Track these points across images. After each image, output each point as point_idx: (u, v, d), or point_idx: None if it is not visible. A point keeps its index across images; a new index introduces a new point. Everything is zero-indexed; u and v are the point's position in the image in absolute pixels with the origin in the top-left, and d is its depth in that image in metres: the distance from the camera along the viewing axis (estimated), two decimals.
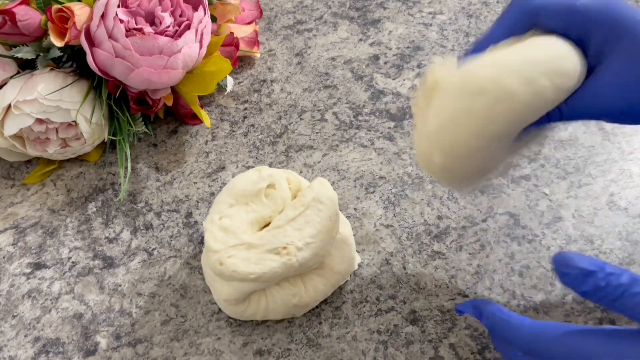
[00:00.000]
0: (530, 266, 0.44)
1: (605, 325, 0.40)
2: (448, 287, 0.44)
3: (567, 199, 0.48)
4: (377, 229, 0.47)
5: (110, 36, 0.46)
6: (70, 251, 0.48)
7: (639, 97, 0.32)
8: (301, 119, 0.56)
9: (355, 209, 0.49)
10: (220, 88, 0.59)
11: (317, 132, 0.55)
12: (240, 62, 0.62)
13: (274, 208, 0.42)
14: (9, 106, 0.48)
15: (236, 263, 0.39)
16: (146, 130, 0.54)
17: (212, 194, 0.51)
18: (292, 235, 0.40)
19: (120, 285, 0.46)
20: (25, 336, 0.43)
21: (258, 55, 0.62)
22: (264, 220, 0.42)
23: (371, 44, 0.62)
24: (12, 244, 0.49)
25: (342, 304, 0.43)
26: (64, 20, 0.47)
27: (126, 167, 0.53)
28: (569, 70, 0.32)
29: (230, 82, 0.58)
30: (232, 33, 0.57)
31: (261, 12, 0.62)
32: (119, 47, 0.46)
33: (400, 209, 0.48)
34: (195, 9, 0.51)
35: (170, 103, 0.53)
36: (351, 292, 0.44)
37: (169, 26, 0.49)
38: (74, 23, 0.47)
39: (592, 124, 0.53)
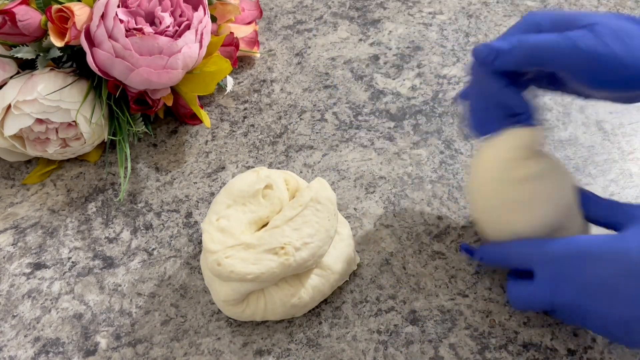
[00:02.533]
0: None
1: None
2: (448, 287, 0.44)
3: None
4: (377, 229, 0.47)
5: (110, 36, 0.46)
6: (70, 251, 0.48)
7: None
8: (301, 119, 0.56)
9: (355, 209, 0.49)
10: (220, 88, 0.59)
11: (317, 132, 0.55)
12: (240, 62, 0.62)
13: (271, 209, 0.42)
14: (9, 106, 0.48)
15: (234, 263, 0.39)
16: (146, 130, 0.54)
17: (212, 194, 0.51)
18: (290, 235, 0.40)
19: (120, 285, 0.46)
20: (25, 336, 0.43)
21: (258, 55, 0.62)
22: (261, 221, 0.42)
23: (371, 44, 0.62)
24: (12, 244, 0.49)
25: (342, 304, 0.43)
26: (64, 20, 0.47)
27: (126, 167, 0.53)
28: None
29: (230, 82, 0.58)
30: (232, 33, 0.57)
31: (261, 12, 0.62)
32: (119, 47, 0.46)
33: (400, 209, 0.48)
34: (195, 9, 0.51)
35: (170, 103, 0.53)
36: (351, 292, 0.44)
37: (169, 26, 0.49)
38: (74, 23, 0.47)
39: (592, 124, 0.53)
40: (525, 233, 0.38)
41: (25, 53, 0.48)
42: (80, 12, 0.47)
